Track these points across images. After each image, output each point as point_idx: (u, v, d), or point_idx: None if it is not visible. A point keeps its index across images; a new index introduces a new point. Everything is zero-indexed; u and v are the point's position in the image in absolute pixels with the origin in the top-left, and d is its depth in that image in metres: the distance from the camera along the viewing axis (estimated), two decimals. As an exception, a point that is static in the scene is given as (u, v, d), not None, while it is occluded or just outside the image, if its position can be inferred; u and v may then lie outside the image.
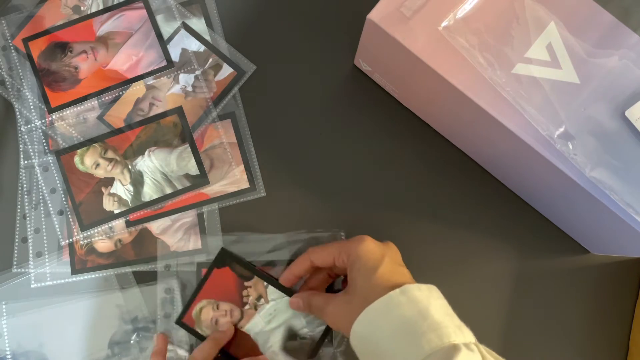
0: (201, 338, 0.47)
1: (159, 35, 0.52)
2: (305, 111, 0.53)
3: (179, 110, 0.51)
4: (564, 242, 0.52)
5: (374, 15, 0.42)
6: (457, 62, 0.42)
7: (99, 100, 0.51)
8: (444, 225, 0.52)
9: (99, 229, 0.49)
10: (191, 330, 0.47)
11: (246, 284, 0.47)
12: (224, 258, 0.47)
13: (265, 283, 0.47)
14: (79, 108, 0.51)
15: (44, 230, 0.50)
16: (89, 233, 0.49)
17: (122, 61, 0.52)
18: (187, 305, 0.47)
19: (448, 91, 0.43)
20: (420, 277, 0.51)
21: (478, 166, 0.53)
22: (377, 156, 0.52)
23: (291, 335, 0.47)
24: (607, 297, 0.52)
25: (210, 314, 0.47)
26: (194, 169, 0.50)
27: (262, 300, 0.47)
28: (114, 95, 0.51)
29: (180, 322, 0.47)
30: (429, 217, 0.52)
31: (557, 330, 0.51)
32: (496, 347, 0.50)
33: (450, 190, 0.52)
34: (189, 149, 0.50)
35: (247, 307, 0.47)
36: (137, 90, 0.52)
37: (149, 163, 0.50)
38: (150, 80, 0.52)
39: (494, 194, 0.52)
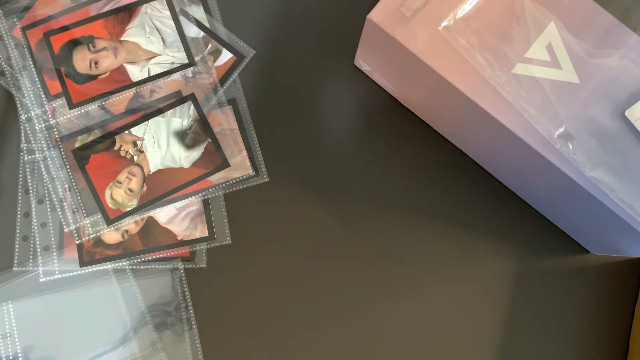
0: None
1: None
2: (304, 111, 0.53)
3: (188, 97, 0.51)
4: (564, 242, 0.52)
5: (374, 15, 0.42)
6: (457, 62, 0.42)
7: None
8: (443, 225, 0.52)
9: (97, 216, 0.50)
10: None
11: (115, 148, 0.48)
12: (82, 154, 0.49)
13: (127, 131, 0.48)
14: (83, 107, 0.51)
15: (50, 224, 0.50)
16: (94, 219, 0.49)
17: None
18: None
19: (448, 91, 0.43)
20: (419, 277, 0.51)
21: (478, 166, 0.53)
22: (377, 155, 0.52)
23: (182, 136, 0.49)
24: (607, 297, 0.52)
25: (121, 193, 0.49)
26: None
27: (139, 142, 0.48)
28: (123, 95, 0.51)
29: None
30: (428, 217, 0.52)
31: (556, 330, 0.51)
32: (495, 346, 0.51)
33: (450, 190, 0.52)
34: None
35: (135, 158, 0.48)
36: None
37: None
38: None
39: (494, 194, 0.52)
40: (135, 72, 0.51)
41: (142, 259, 0.50)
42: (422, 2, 0.42)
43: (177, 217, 0.51)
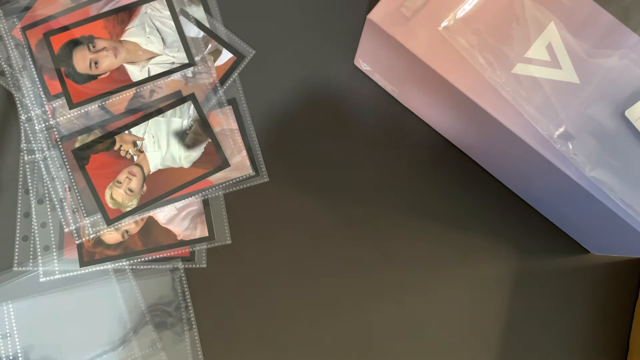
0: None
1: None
2: (304, 111, 0.53)
3: (188, 97, 0.51)
4: (564, 242, 0.52)
5: (374, 15, 0.42)
6: (457, 62, 0.42)
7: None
8: (443, 225, 0.52)
9: (97, 216, 0.50)
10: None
11: (115, 148, 0.49)
12: (82, 154, 0.49)
13: (127, 131, 0.49)
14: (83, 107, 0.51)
15: (50, 224, 0.50)
16: (94, 219, 0.49)
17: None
18: None
19: (448, 91, 0.43)
20: (419, 277, 0.51)
21: (478, 166, 0.53)
22: (376, 156, 0.52)
23: (182, 136, 0.49)
24: (607, 297, 0.52)
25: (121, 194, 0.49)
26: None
27: (139, 142, 0.49)
28: (123, 95, 0.51)
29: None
30: (428, 217, 0.52)
31: (556, 330, 0.51)
32: (496, 347, 0.51)
33: (450, 190, 0.52)
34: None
35: (135, 158, 0.49)
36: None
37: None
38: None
39: (493, 193, 0.52)
40: (135, 72, 0.51)
41: (142, 259, 0.50)
42: (422, 2, 0.42)
43: (177, 217, 0.51)
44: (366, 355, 0.50)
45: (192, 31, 0.53)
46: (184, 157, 0.51)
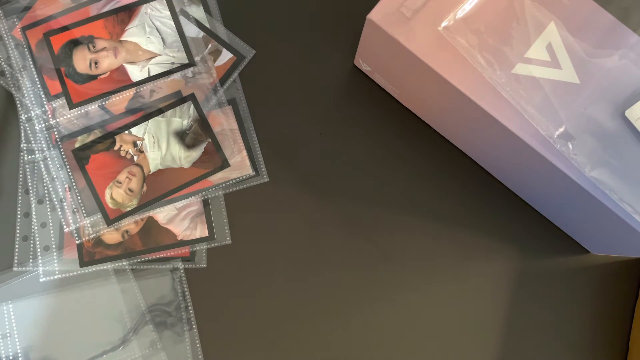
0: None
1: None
2: (305, 111, 0.53)
3: (188, 97, 0.51)
4: (564, 242, 0.52)
5: (374, 15, 0.42)
6: (457, 62, 0.42)
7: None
8: (443, 225, 0.52)
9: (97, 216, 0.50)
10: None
11: (115, 148, 0.49)
12: (82, 154, 0.49)
13: (127, 131, 0.49)
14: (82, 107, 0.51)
15: (50, 224, 0.50)
16: (94, 219, 0.49)
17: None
18: None
19: (448, 91, 0.43)
20: (419, 277, 0.51)
21: (478, 166, 0.53)
22: (377, 156, 0.52)
23: (182, 136, 0.49)
24: (607, 297, 0.52)
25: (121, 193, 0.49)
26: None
27: (139, 142, 0.49)
28: (123, 95, 0.51)
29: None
30: (428, 217, 0.52)
31: (556, 330, 0.51)
32: (495, 347, 0.51)
33: (450, 190, 0.52)
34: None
35: (135, 158, 0.49)
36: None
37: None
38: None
39: (494, 194, 0.52)
40: (135, 72, 0.51)
41: (142, 259, 0.50)
42: (422, 2, 0.42)
43: (177, 217, 0.51)
44: (367, 354, 0.50)
45: (192, 31, 0.53)
46: (184, 157, 0.51)
